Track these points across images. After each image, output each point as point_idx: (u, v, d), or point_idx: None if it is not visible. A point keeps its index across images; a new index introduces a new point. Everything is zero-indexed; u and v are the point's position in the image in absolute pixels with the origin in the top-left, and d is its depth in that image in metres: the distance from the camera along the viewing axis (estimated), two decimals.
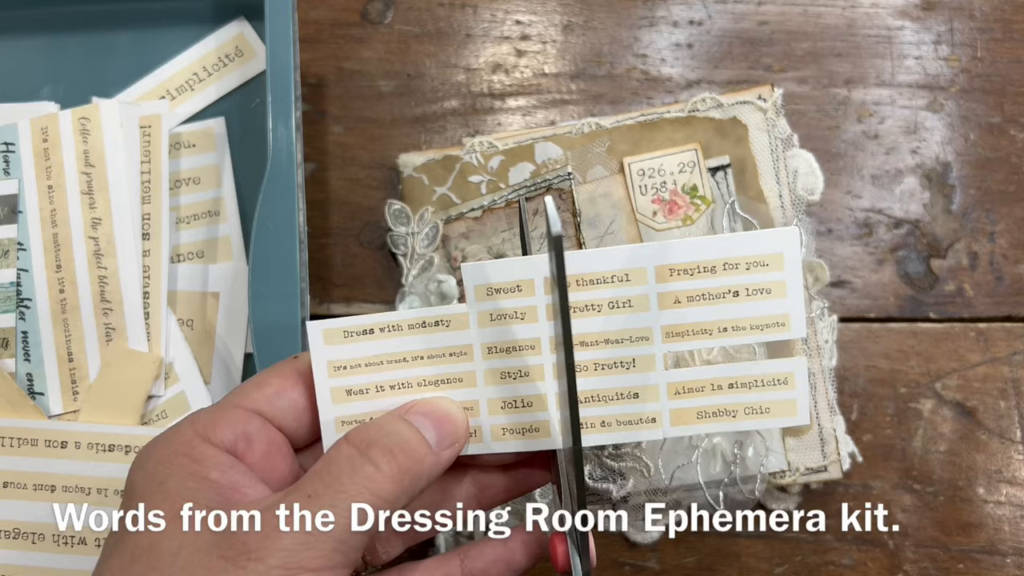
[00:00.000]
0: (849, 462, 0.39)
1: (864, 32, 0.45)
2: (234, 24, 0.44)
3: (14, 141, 0.42)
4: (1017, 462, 0.41)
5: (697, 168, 0.41)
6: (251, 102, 0.44)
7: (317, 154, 0.44)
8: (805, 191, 0.41)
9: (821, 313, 0.41)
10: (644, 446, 0.39)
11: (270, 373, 0.29)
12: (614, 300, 0.27)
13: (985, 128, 0.44)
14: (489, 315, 0.28)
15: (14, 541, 0.39)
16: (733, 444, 0.39)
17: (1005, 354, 0.42)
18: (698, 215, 0.41)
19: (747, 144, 0.41)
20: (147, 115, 0.42)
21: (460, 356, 0.28)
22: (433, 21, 0.45)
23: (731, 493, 0.39)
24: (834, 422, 0.40)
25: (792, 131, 0.41)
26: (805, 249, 0.40)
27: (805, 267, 0.40)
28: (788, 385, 0.27)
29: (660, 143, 0.42)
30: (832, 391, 0.40)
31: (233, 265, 0.42)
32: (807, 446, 0.39)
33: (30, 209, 0.41)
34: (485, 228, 0.42)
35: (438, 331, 0.28)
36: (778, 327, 0.27)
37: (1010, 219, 0.43)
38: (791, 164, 0.41)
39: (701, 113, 0.42)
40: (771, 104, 0.41)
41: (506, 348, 0.28)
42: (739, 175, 0.41)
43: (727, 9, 0.45)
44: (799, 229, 0.37)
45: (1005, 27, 0.45)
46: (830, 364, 0.40)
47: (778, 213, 0.41)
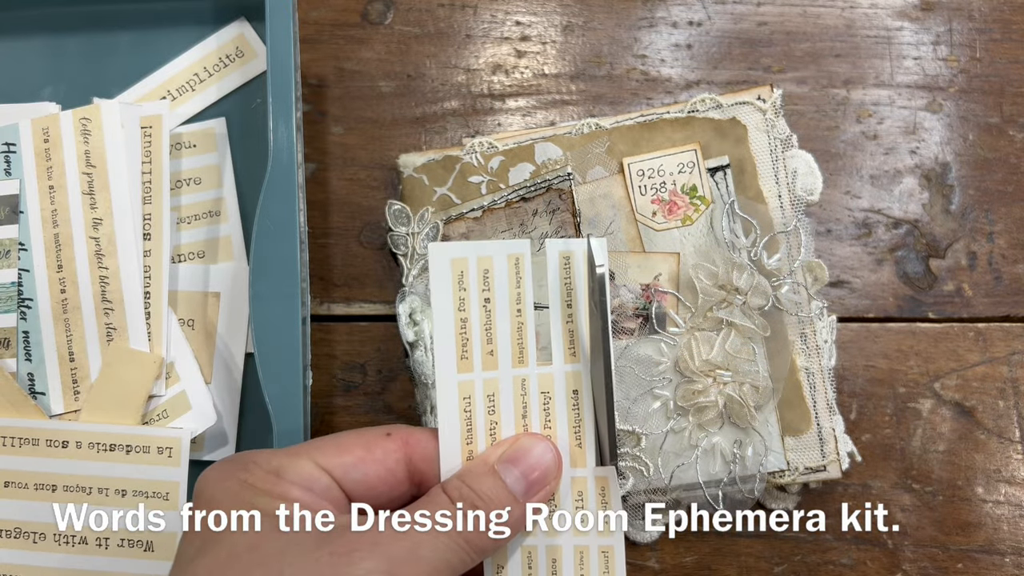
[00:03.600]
0: (848, 462, 0.40)
1: (863, 33, 0.45)
2: (235, 25, 0.44)
3: (15, 141, 0.42)
4: (1016, 462, 0.41)
5: (696, 168, 0.41)
6: (252, 102, 0.44)
7: (317, 154, 0.44)
8: (804, 191, 0.41)
9: (820, 313, 0.41)
10: (644, 445, 0.39)
11: (356, 440, 0.29)
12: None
13: (984, 128, 0.44)
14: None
15: (15, 540, 0.39)
16: (732, 444, 0.39)
17: (1004, 354, 0.42)
18: (697, 215, 0.41)
19: (746, 144, 0.41)
20: (148, 115, 0.42)
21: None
22: (433, 22, 0.45)
23: (731, 493, 0.39)
24: (833, 422, 0.40)
25: (791, 131, 0.42)
26: (805, 249, 0.41)
27: (804, 267, 0.41)
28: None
29: (660, 143, 0.42)
30: (831, 391, 0.40)
31: (234, 265, 0.42)
32: (806, 446, 0.39)
33: (31, 209, 0.41)
34: (485, 228, 0.42)
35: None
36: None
37: (1009, 219, 0.43)
38: (790, 164, 0.41)
39: (700, 113, 0.42)
40: (770, 105, 0.41)
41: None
42: (738, 175, 0.41)
43: (726, 10, 0.45)
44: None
45: (1004, 28, 0.45)
46: (829, 364, 0.40)
47: (777, 213, 0.41)
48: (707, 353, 0.40)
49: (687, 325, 0.40)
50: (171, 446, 0.40)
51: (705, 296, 0.40)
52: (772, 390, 0.40)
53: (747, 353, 0.40)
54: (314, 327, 0.42)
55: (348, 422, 0.42)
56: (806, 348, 0.40)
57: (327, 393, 0.42)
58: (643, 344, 0.40)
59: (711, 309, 0.40)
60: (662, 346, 0.40)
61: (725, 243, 0.41)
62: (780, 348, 0.40)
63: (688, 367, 0.40)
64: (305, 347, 0.39)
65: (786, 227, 0.41)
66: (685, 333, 0.40)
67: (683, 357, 0.40)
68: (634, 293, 0.41)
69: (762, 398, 0.39)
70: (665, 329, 0.40)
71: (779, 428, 0.40)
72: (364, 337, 0.43)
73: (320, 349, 0.42)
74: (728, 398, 0.39)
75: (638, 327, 0.41)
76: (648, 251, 0.41)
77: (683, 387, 0.40)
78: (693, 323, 0.40)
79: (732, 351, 0.40)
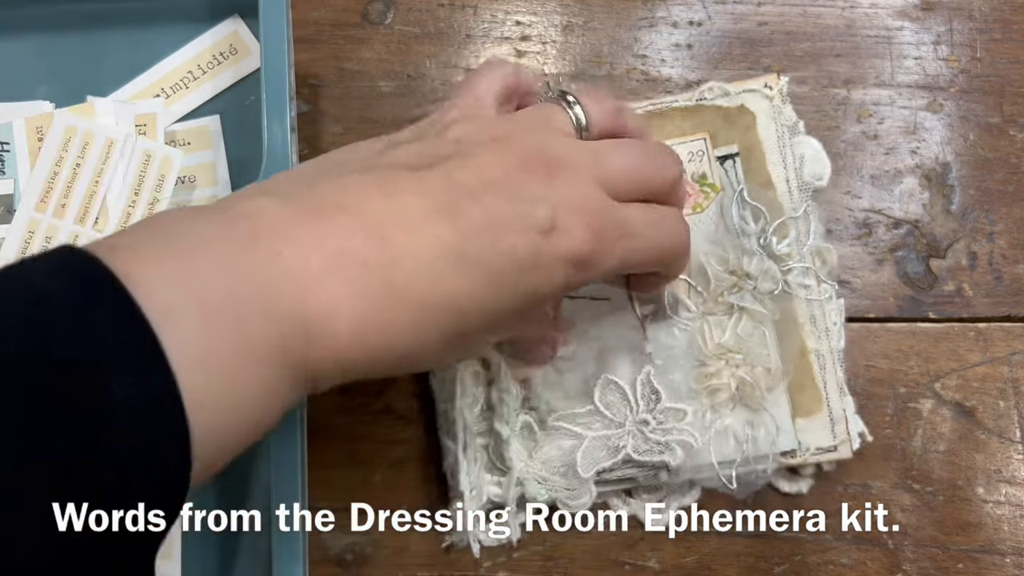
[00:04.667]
0: (859, 442, 0.40)
1: (863, 32, 0.45)
2: (228, 22, 0.44)
3: (9, 140, 0.42)
4: (1016, 462, 0.41)
5: (706, 156, 0.42)
6: (246, 100, 0.44)
7: (317, 154, 0.44)
8: (812, 177, 0.42)
9: (829, 296, 0.41)
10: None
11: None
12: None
13: (984, 128, 0.44)
14: None
15: None
16: (744, 425, 0.39)
17: (1004, 354, 0.42)
18: (708, 203, 0.41)
19: (755, 132, 0.42)
20: (142, 114, 0.42)
21: None
22: (433, 22, 0.45)
23: (743, 474, 0.39)
24: (844, 403, 0.40)
25: (798, 118, 0.42)
26: (813, 234, 0.41)
27: (813, 251, 0.41)
28: None
29: (669, 132, 0.42)
30: (841, 372, 0.40)
31: None
32: (818, 426, 0.40)
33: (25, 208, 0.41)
34: None
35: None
36: None
37: (1009, 219, 0.43)
38: (798, 150, 0.42)
39: (709, 102, 0.42)
40: (777, 91, 0.42)
41: None
42: (747, 162, 0.42)
43: (726, 10, 0.45)
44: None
45: (1004, 27, 0.45)
46: (839, 346, 0.41)
47: (786, 199, 0.41)
48: (719, 337, 0.40)
49: (699, 310, 0.41)
50: None
51: (716, 281, 0.41)
52: (783, 372, 0.40)
53: (758, 337, 0.40)
54: None
55: (348, 422, 0.42)
56: (816, 331, 0.40)
57: (327, 393, 0.42)
58: (655, 328, 0.41)
59: (722, 294, 0.41)
60: (675, 330, 0.41)
61: (735, 230, 0.41)
62: (790, 331, 0.40)
63: (701, 351, 0.40)
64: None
65: (795, 212, 0.41)
66: (698, 318, 0.41)
67: (695, 341, 0.40)
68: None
69: (773, 380, 0.40)
70: (678, 313, 0.41)
71: (790, 409, 0.40)
72: None
73: None
74: (740, 381, 0.40)
75: (650, 312, 0.41)
76: None
77: (696, 370, 0.40)
78: (705, 308, 0.41)
79: (743, 335, 0.40)
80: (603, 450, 0.39)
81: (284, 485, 0.36)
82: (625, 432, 0.39)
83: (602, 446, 0.39)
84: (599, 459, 0.39)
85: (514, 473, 0.39)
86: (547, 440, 0.40)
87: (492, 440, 0.40)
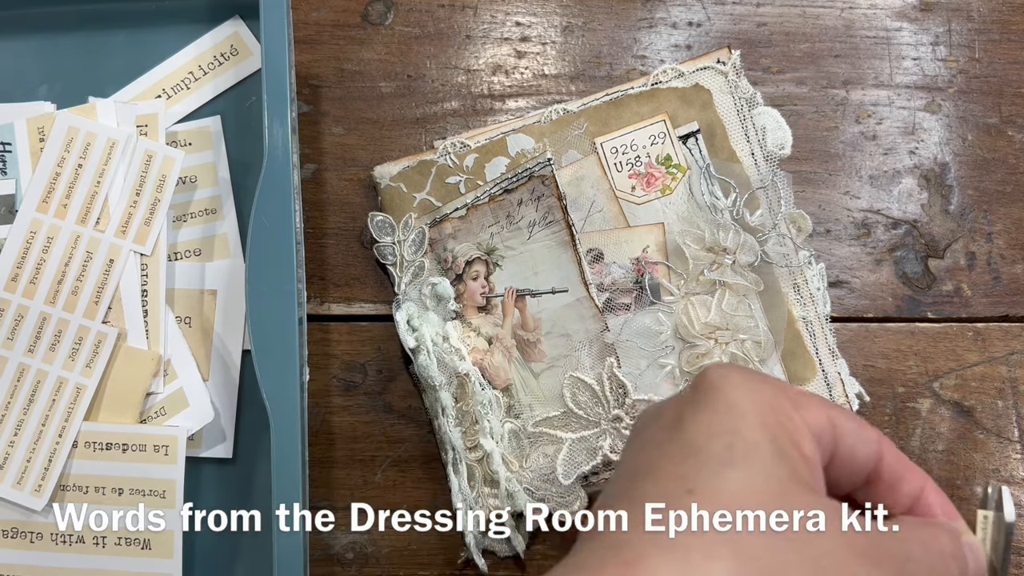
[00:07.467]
0: (857, 403, 0.40)
1: (862, 33, 0.45)
2: (229, 23, 0.44)
3: (11, 141, 0.42)
4: (1014, 461, 0.41)
5: (668, 138, 0.42)
6: (247, 100, 0.44)
7: (317, 155, 0.44)
8: (775, 146, 0.42)
9: (808, 262, 0.41)
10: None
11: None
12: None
13: (983, 129, 0.44)
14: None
15: (13, 540, 0.39)
16: None
17: (1002, 354, 0.42)
18: (675, 183, 0.42)
19: (713, 108, 0.42)
20: (143, 114, 0.42)
21: None
22: (433, 23, 0.45)
23: None
24: (837, 366, 0.41)
25: (755, 90, 0.42)
26: (784, 202, 0.41)
27: (787, 219, 0.41)
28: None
29: (628, 119, 0.42)
30: (831, 336, 0.41)
31: (230, 263, 0.42)
32: (815, 390, 0.40)
33: (27, 207, 0.41)
34: (471, 225, 0.42)
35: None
36: None
37: (1007, 219, 0.43)
38: (758, 122, 0.42)
39: (664, 84, 0.43)
40: (731, 66, 0.42)
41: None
42: (709, 139, 0.42)
43: (725, 11, 0.45)
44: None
45: (1003, 28, 0.45)
46: (825, 311, 0.41)
47: (752, 171, 0.42)
48: (705, 316, 0.40)
49: (681, 292, 0.41)
50: (168, 444, 0.39)
51: (695, 260, 0.41)
52: (773, 343, 0.40)
53: (744, 310, 0.40)
54: (314, 327, 0.42)
55: (348, 422, 0.42)
56: (800, 298, 0.41)
57: (327, 393, 0.42)
58: (641, 316, 0.41)
59: (702, 272, 0.41)
60: (660, 316, 0.41)
61: (706, 206, 0.41)
62: (775, 301, 0.41)
63: (688, 332, 0.40)
64: (302, 344, 0.39)
65: (763, 183, 0.41)
66: (681, 300, 0.41)
67: (682, 323, 0.40)
68: (624, 268, 0.41)
69: (765, 352, 0.40)
70: (660, 299, 0.41)
71: (785, 378, 0.40)
72: (364, 337, 0.42)
73: (320, 349, 0.42)
74: (732, 356, 0.40)
75: (633, 300, 0.41)
76: (632, 225, 0.42)
77: (686, 352, 0.40)
78: (687, 289, 0.41)
79: (729, 310, 0.40)
80: (583, 453, 0.39)
81: (284, 485, 0.36)
82: (601, 431, 0.39)
83: (582, 448, 0.39)
84: (579, 463, 0.39)
85: (502, 485, 0.39)
86: (532, 447, 0.40)
87: (483, 453, 0.40)
